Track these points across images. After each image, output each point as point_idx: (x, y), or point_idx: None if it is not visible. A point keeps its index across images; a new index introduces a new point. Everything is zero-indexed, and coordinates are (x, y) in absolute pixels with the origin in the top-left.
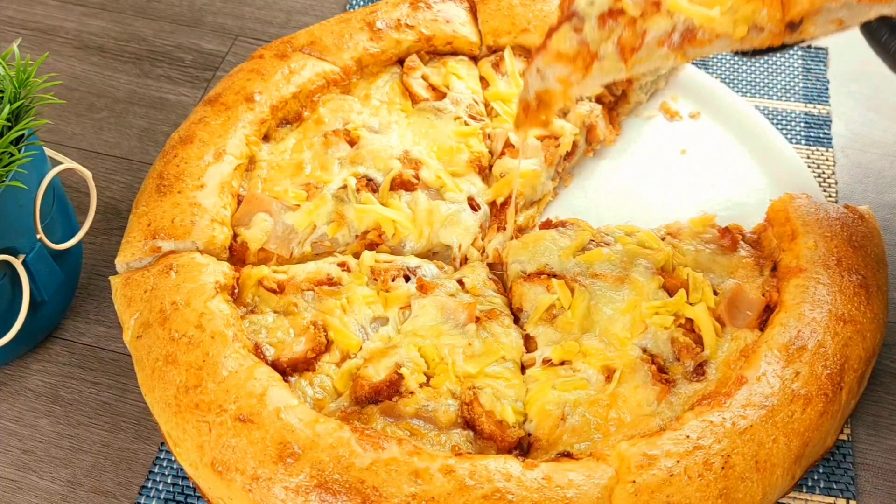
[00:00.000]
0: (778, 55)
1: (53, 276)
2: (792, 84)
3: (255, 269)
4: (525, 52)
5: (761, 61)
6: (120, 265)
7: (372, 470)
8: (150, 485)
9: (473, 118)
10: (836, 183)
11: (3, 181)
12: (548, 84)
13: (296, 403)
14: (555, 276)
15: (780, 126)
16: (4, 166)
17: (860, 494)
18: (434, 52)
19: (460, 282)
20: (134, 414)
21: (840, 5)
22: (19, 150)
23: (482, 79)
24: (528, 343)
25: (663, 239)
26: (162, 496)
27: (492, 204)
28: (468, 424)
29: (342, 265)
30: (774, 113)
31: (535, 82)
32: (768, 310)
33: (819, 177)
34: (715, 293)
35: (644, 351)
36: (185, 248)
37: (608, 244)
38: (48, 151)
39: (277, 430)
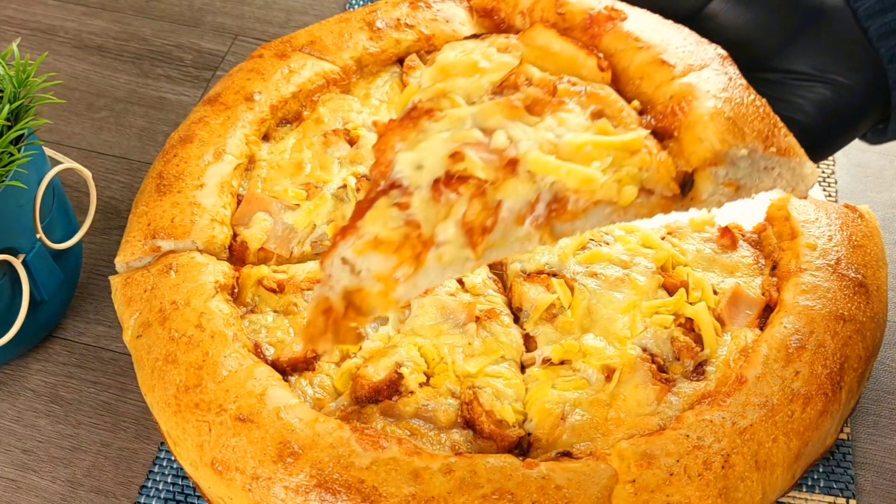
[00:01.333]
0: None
1: (53, 275)
2: None
3: (254, 269)
4: None
5: None
6: (119, 265)
7: (372, 469)
8: (150, 484)
9: None
10: (835, 182)
11: (3, 181)
12: (362, 282)
13: (295, 403)
14: (555, 275)
15: None
16: (4, 166)
17: (860, 494)
18: (434, 51)
19: (460, 281)
20: (134, 413)
21: (744, 157)
22: (19, 150)
23: None
24: (528, 342)
25: (663, 238)
26: (162, 496)
27: None
28: (468, 424)
29: None
30: None
31: (342, 277)
32: (768, 309)
33: (819, 175)
34: (715, 292)
35: (644, 350)
36: (184, 248)
37: (608, 243)
38: (48, 151)
39: (277, 429)
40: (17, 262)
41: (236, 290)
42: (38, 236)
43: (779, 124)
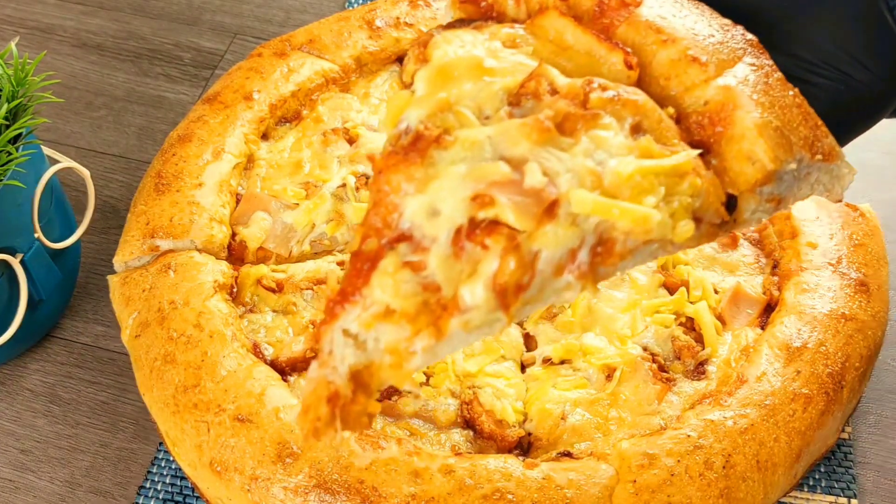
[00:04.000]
0: None
1: (51, 275)
2: None
3: (253, 268)
4: None
5: None
6: (118, 264)
7: (371, 470)
8: (148, 485)
9: None
10: None
11: (1, 180)
12: (370, 356)
13: (295, 403)
14: None
15: None
16: (2, 165)
17: (861, 494)
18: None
19: None
20: (132, 414)
21: (793, 170)
22: (17, 149)
23: None
24: (528, 342)
25: None
26: (160, 496)
27: None
28: (468, 424)
29: (342, 264)
30: None
31: (345, 354)
32: (769, 308)
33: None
34: (716, 291)
35: (645, 349)
36: (183, 247)
37: None
38: (46, 150)
39: (276, 429)
40: (14, 262)
41: (235, 290)
42: (36, 236)
43: (819, 124)
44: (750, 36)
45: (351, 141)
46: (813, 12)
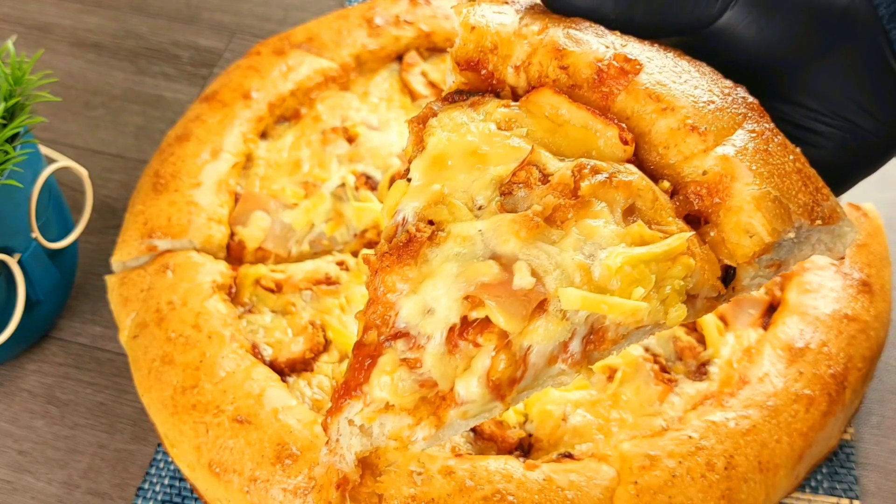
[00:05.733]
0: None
1: (49, 275)
2: None
3: (252, 269)
4: None
5: None
6: (116, 264)
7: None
8: (146, 486)
9: None
10: None
11: None
12: (375, 442)
13: (294, 404)
14: None
15: None
16: None
17: (863, 495)
18: (433, 48)
19: None
20: (131, 415)
21: (791, 238)
22: (14, 149)
23: None
24: None
25: None
26: (159, 497)
27: None
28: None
29: (341, 264)
30: None
31: (352, 443)
32: (771, 308)
33: None
34: None
35: (646, 350)
36: (181, 247)
37: None
38: (43, 149)
39: (275, 430)
40: (12, 262)
41: (234, 290)
42: (33, 235)
43: (820, 187)
44: (751, 99)
45: (350, 140)
46: (820, 63)
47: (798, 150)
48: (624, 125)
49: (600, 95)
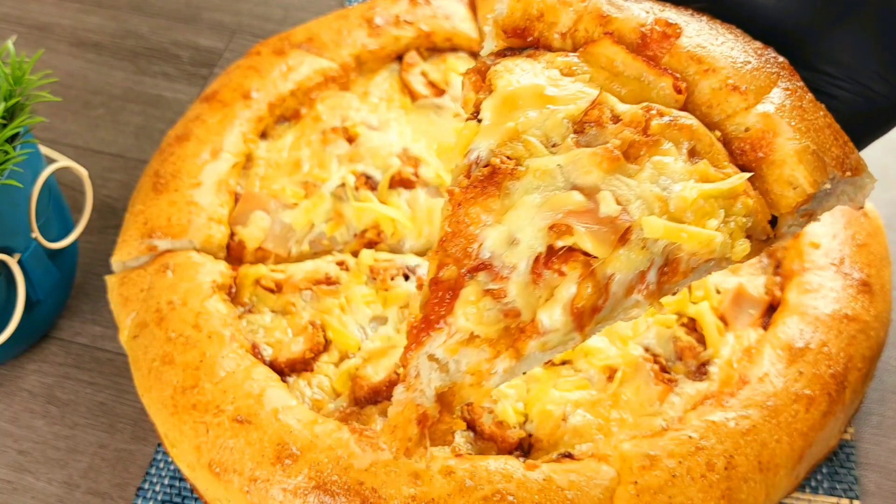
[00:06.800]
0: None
1: (49, 275)
2: None
3: (252, 269)
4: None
5: None
6: (116, 264)
7: (371, 471)
8: (147, 486)
9: None
10: None
11: None
12: (452, 377)
13: (294, 404)
14: None
15: None
16: None
17: (864, 495)
18: (433, 48)
19: None
20: (131, 415)
21: (827, 190)
22: (14, 148)
23: None
24: None
25: None
26: (159, 497)
27: None
28: (468, 425)
29: (341, 264)
30: None
31: (431, 377)
32: (771, 308)
33: None
34: (717, 292)
35: (646, 350)
36: (181, 247)
37: None
38: (43, 149)
39: (275, 430)
40: (12, 262)
41: (234, 290)
42: (33, 235)
43: (847, 140)
44: (781, 59)
45: (350, 140)
46: (837, 29)
47: (824, 107)
48: (677, 75)
49: (645, 59)
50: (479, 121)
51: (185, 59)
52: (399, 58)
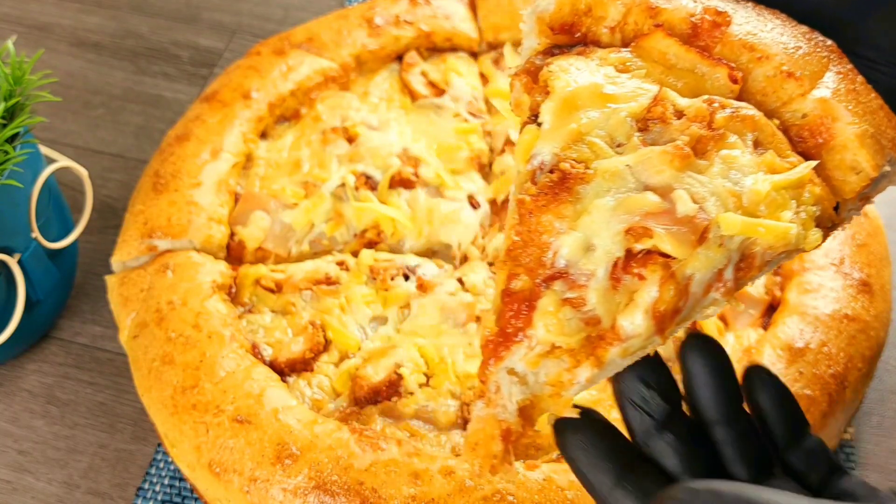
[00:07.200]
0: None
1: (49, 275)
2: None
3: (252, 269)
4: None
5: None
6: (116, 264)
7: (371, 471)
8: (146, 486)
9: (473, 115)
10: None
11: None
12: (532, 390)
13: (294, 404)
14: None
15: None
16: None
17: None
18: (433, 48)
19: (460, 280)
20: (131, 415)
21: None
22: (14, 148)
23: (482, 75)
24: None
25: None
26: (159, 497)
27: (492, 202)
28: (468, 425)
29: (341, 264)
30: None
31: (512, 391)
32: (771, 308)
33: None
34: None
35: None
36: (181, 247)
37: None
38: (43, 149)
39: (275, 430)
40: (12, 262)
41: (234, 290)
42: (33, 235)
43: None
44: (829, 42)
45: (350, 140)
46: (876, 14)
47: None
48: (733, 64)
49: (698, 50)
50: (539, 124)
51: (185, 59)
52: (399, 58)
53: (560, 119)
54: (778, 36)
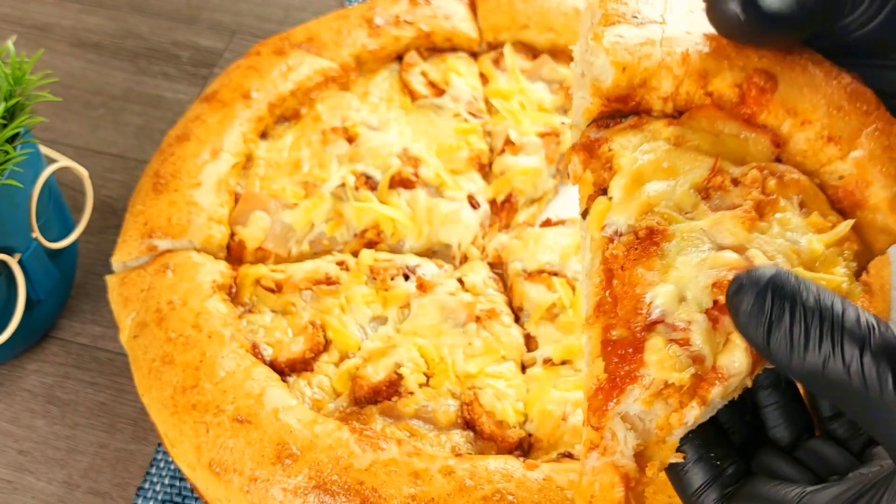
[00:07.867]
0: None
1: (49, 275)
2: None
3: (252, 269)
4: (525, 49)
5: None
6: (116, 264)
7: (371, 471)
8: (147, 486)
9: (473, 115)
10: None
11: None
12: (641, 436)
13: (294, 404)
14: (556, 274)
15: None
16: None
17: None
18: (433, 48)
19: (460, 280)
20: (131, 414)
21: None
22: (14, 149)
23: (482, 75)
24: (529, 342)
25: None
26: (159, 497)
27: (492, 202)
28: (468, 425)
29: (341, 264)
30: None
31: (628, 437)
32: None
33: None
34: None
35: None
36: (181, 247)
37: None
38: (43, 149)
39: (276, 430)
40: (12, 262)
41: (234, 290)
42: (33, 235)
43: None
44: (869, 92)
45: (350, 140)
46: None
47: None
48: (775, 131)
49: (743, 116)
50: (610, 198)
51: (185, 59)
52: (399, 58)
53: (629, 193)
54: (820, 97)
